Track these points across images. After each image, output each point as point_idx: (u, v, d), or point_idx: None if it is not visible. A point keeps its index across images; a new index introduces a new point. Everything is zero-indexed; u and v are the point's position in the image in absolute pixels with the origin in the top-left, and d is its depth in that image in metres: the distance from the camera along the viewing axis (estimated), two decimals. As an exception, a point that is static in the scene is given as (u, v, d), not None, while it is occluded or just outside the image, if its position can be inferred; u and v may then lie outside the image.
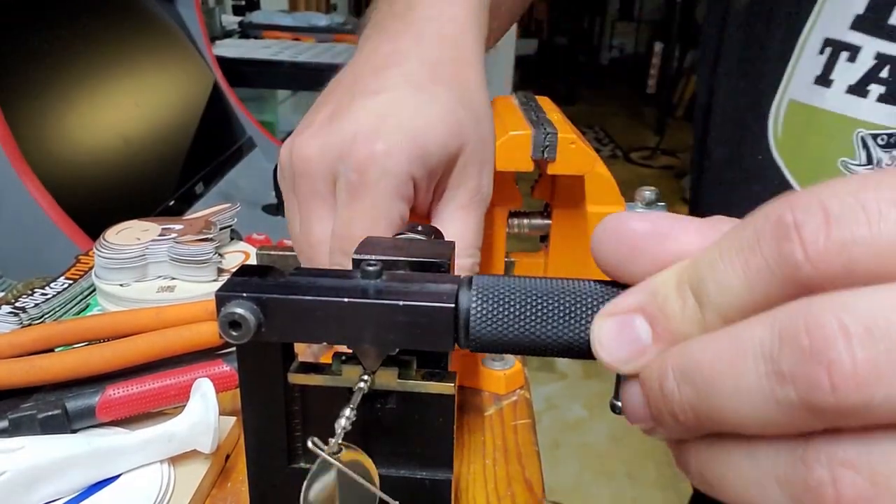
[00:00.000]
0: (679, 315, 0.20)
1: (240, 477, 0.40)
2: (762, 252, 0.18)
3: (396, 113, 0.35)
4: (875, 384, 0.15)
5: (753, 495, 0.18)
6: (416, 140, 0.34)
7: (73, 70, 1.11)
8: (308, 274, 0.27)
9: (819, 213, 0.17)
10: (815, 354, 0.16)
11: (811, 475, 0.17)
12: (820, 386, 0.16)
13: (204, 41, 1.61)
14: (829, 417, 0.16)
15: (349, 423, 0.27)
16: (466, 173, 0.37)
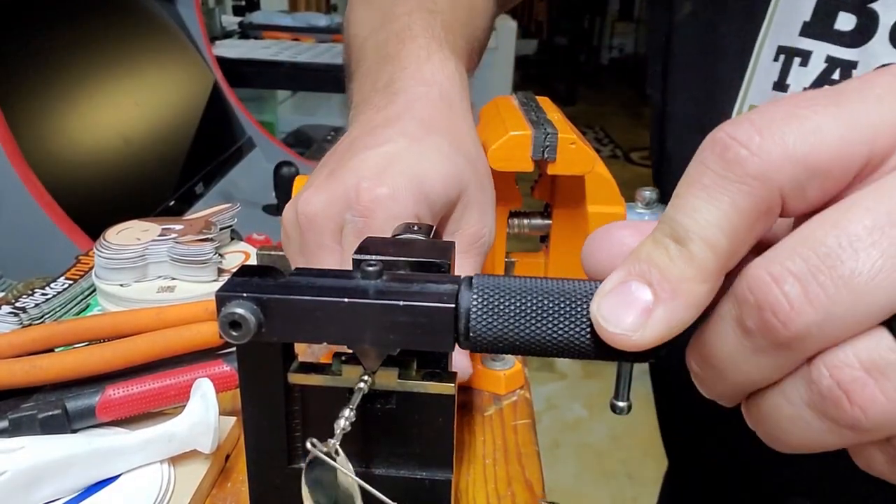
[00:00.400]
0: (668, 262, 0.21)
1: (240, 477, 0.40)
2: (713, 169, 0.21)
3: (397, 161, 0.36)
4: (810, 309, 0.19)
5: (802, 428, 0.21)
6: (419, 183, 0.35)
7: (73, 70, 1.11)
8: (308, 274, 0.27)
9: (746, 124, 0.20)
10: (761, 305, 0.20)
11: (822, 387, 0.20)
12: (774, 327, 0.20)
13: (204, 41, 1.62)
14: (798, 345, 0.20)
15: (348, 423, 0.27)
16: (466, 218, 0.37)
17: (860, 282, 0.19)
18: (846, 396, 0.20)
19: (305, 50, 1.94)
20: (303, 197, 0.36)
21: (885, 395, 0.19)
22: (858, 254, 0.19)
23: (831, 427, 0.20)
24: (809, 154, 0.20)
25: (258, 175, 1.51)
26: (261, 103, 2.08)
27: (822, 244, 0.19)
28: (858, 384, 0.19)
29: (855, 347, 0.20)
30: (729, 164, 0.20)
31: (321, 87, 1.90)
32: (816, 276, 0.19)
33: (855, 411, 0.19)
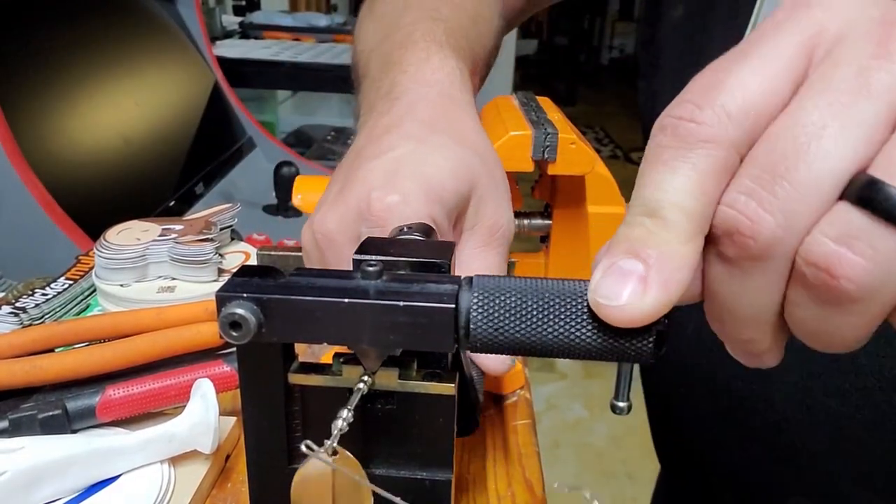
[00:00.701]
0: (647, 234, 0.23)
1: (240, 477, 0.40)
2: (668, 146, 0.23)
3: (403, 165, 0.35)
4: (768, 214, 0.21)
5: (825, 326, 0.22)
6: (429, 184, 0.35)
7: (73, 70, 1.11)
8: (308, 274, 0.27)
9: (684, 103, 0.23)
10: (728, 231, 0.22)
11: (808, 278, 0.21)
12: (746, 244, 0.22)
13: (204, 41, 1.61)
14: (775, 251, 0.22)
15: (346, 423, 0.27)
16: (482, 211, 0.37)
17: (800, 174, 0.21)
18: (828, 274, 0.21)
19: (306, 50, 1.94)
20: (317, 217, 0.36)
21: (862, 256, 0.20)
22: (787, 154, 0.21)
23: (837, 311, 0.22)
24: (742, 105, 0.22)
25: (258, 175, 1.51)
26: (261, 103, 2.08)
27: (758, 159, 0.22)
28: (834, 258, 0.20)
29: (821, 228, 0.21)
30: (681, 137, 0.23)
31: (322, 87, 1.90)
32: (763, 186, 0.21)
33: (842, 284, 0.20)
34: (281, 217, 1.38)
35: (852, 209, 0.20)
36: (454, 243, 0.32)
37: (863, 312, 0.21)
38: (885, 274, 0.20)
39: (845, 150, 0.21)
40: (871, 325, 0.22)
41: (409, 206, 0.34)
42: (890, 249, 0.20)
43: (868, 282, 0.20)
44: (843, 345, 0.23)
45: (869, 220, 0.20)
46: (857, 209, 0.20)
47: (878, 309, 0.21)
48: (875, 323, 0.22)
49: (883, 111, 0.21)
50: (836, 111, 0.21)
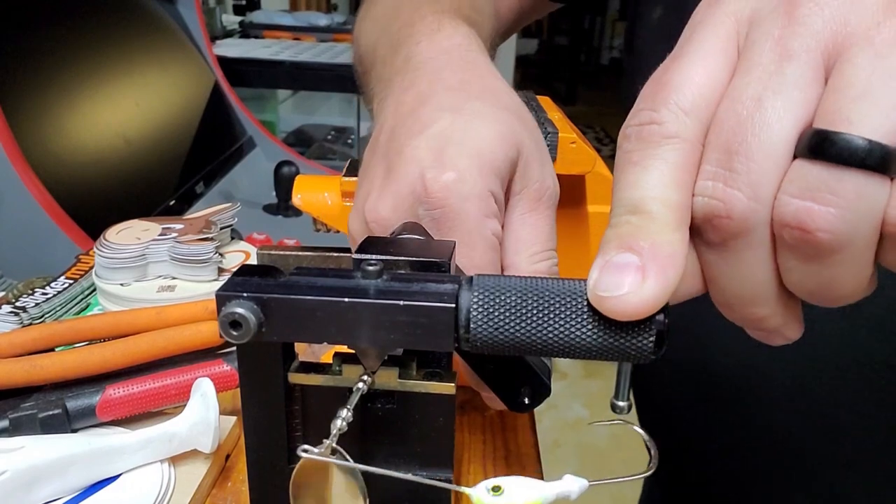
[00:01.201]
0: (635, 229, 0.23)
1: (240, 476, 0.40)
2: (636, 149, 0.24)
3: (448, 139, 0.34)
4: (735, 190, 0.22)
5: (819, 281, 0.23)
6: (480, 157, 0.34)
7: (73, 70, 1.11)
8: (308, 274, 0.27)
9: (641, 110, 0.25)
10: (706, 216, 0.23)
11: (788, 238, 0.22)
12: (725, 225, 0.23)
13: (204, 41, 1.62)
14: (752, 222, 0.22)
15: (345, 423, 0.26)
16: (528, 175, 0.36)
17: (751, 145, 0.22)
18: (802, 230, 0.21)
19: (306, 49, 1.94)
20: (368, 205, 0.35)
21: (828, 204, 0.21)
22: (735, 131, 0.22)
23: (825, 265, 0.22)
24: (693, 98, 0.24)
25: (259, 174, 1.51)
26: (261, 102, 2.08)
27: (712, 144, 0.23)
28: (803, 214, 0.21)
29: (784, 189, 0.22)
30: (646, 139, 0.24)
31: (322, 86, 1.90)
32: (723, 166, 0.23)
33: (820, 236, 0.21)
34: (281, 216, 1.38)
35: (806, 164, 0.21)
36: (454, 242, 0.32)
37: (849, 260, 0.22)
38: (854, 216, 0.21)
39: (784, 112, 0.22)
40: (863, 270, 0.23)
41: (465, 182, 0.33)
42: (850, 191, 0.21)
43: (841, 228, 0.21)
44: (846, 295, 0.24)
45: (824, 170, 0.21)
46: (810, 163, 0.21)
47: (862, 252, 0.22)
48: (866, 266, 0.23)
49: (807, 69, 0.22)
50: (766, 80, 0.22)
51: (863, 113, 0.21)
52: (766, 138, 0.22)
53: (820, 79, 0.22)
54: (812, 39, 0.22)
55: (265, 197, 1.42)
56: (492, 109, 0.36)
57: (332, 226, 0.46)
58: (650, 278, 0.23)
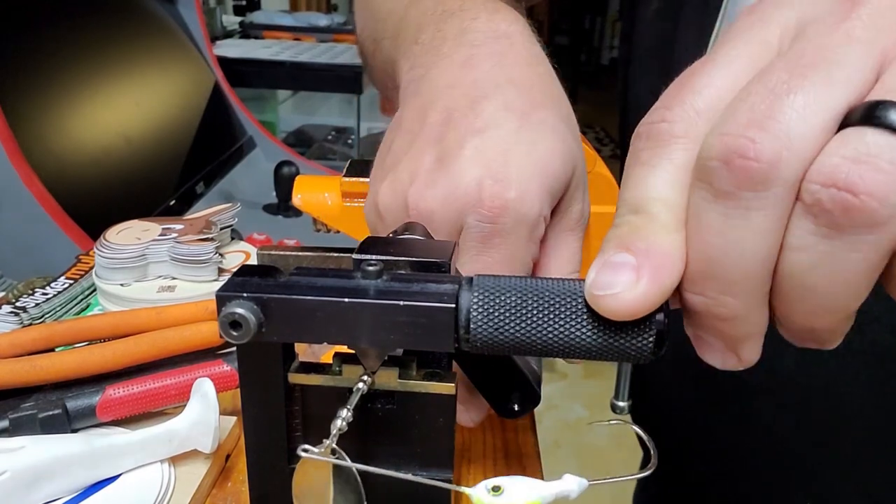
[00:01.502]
0: (634, 229, 0.23)
1: (240, 477, 0.40)
2: (645, 148, 0.24)
3: (512, 151, 0.33)
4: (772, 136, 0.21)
5: (833, 269, 0.21)
6: (543, 178, 0.33)
7: (74, 70, 1.11)
8: (308, 274, 0.27)
9: (656, 108, 0.24)
10: (727, 158, 0.21)
11: (824, 201, 0.20)
12: (748, 167, 0.21)
13: (205, 41, 1.62)
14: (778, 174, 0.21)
15: (345, 423, 0.27)
16: (574, 197, 0.35)
17: (801, 97, 0.21)
18: (850, 193, 0.20)
19: (306, 50, 1.94)
20: (414, 189, 0.33)
21: (882, 171, 0.19)
22: (790, 83, 0.21)
23: (853, 241, 0.20)
24: (710, 101, 0.23)
25: (259, 175, 1.51)
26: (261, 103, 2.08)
27: (754, 92, 0.21)
28: (855, 175, 0.20)
29: (833, 152, 0.20)
30: (656, 138, 0.24)
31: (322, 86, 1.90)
32: (766, 112, 0.21)
33: (866, 201, 0.20)
34: (281, 217, 1.38)
35: (864, 128, 0.20)
36: (454, 242, 0.32)
37: (877, 243, 0.20)
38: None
39: (840, 83, 0.21)
40: (877, 267, 0.21)
41: (525, 203, 0.32)
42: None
43: (892, 198, 0.20)
44: (844, 302, 0.22)
45: (883, 136, 0.20)
46: (869, 128, 0.20)
47: (890, 239, 0.20)
48: (881, 264, 0.21)
49: (869, 57, 0.21)
50: (824, 55, 0.21)
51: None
52: (816, 97, 0.21)
53: (875, 70, 0.21)
54: (874, 34, 0.21)
55: (265, 197, 1.42)
56: (557, 124, 0.35)
57: (333, 226, 0.46)
58: (644, 278, 0.22)
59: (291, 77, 1.82)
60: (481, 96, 0.35)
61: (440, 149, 0.34)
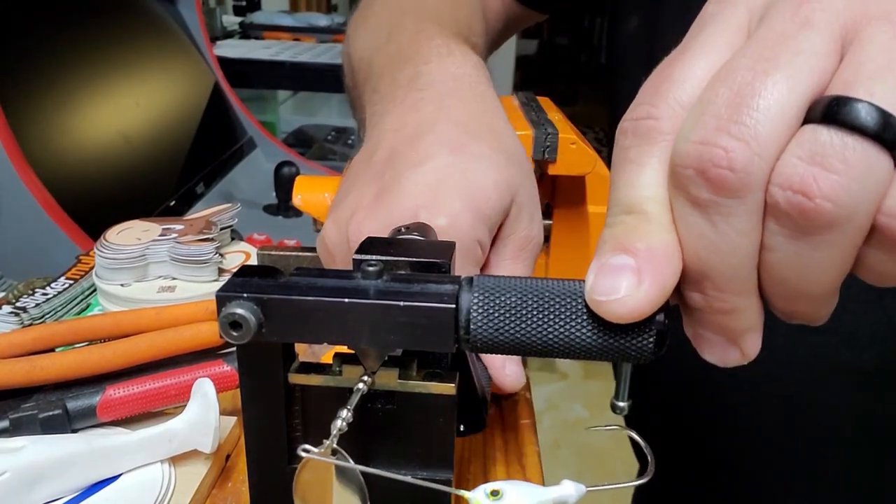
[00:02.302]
0: (630, 230, 0.23)
1: (240, 477, 0.40)
2: (632, 146, 0.23)
3: (446, 180, 0.34)
4: (741, 143, 0.21)
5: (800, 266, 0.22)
6: (475, 204, 0.34)
7: (74, 70, 1.11)
8: (308, 274, 0.27)
9: (639, 104, 0.24)
10: (702, 167, 0.21)
11: (782, 204, 0.21)
12: (721, 176, 0.21)
13: (205, 41, 1.62)
14: (749, 181, 0.21)
15: (345, 423, 0.27)
16: (518, 223, 0.36)
17: (764, 99, 0.21)
18: (804, 195, 0.20)
19: (306, 50, 1.94)
20: (353, 222, 0.35)
21: (836, 172, 0.20)
22: (749, 83, 0.21)
23: (813, 245, 0.21)
24: (693, 93, 0.23)
25: (259, 175, 1.51)
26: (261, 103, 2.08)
27: (719, 94, 0.21)
28: (809, 177, 0.20)
29: (790, 151, 0.20)
30: (642, 135, 0.23)
31: (322, 87, 1.90)
32: (732, 117, 0.21)
33: (819, 204, 0.20)
34: (281, 217, 1.38)
35: (819, 127, 0.20)
36: (454, 243, 0.32)
37: (837, 242, 0.21)
38: (860, 188, 0.20)
39: (802, 74, 0.21)
40: (844, 262, 0.22)
41: (457, 229, 0.33)
42: (861, 161, 0.20)
43: (845, 199, 0.20)
44: (818, 292, 0.22)
45: (837, 135, 0.20)
46: (823, 127, 0.20)
47: (852, 237, 0.21)
48: (849, 255, 0.21)
49: (827, 39, 0.21)
50: (785, 43, 0.21)
51: (884, 87, 0.20)
52: (779, 95, 0.21)
53: (837, 52, 0.21)
54: (832, 15, 0.21)
55: (265, 197, 1.42)
56: (492, 153, 0.36)
57: (333, 226, 0.46)
58: (646, 280, 0.22)
59: (291, 77, 1.82)
60: (421, 134, 0.37)
61: (380, 184, 0.36)
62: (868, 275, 0.22)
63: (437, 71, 0.41)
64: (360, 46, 0.52)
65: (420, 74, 0.41)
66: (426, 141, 0.36)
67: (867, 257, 0.22)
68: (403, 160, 0.36)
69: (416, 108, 0.39)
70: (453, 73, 0.41)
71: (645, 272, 0.22)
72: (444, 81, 0.40)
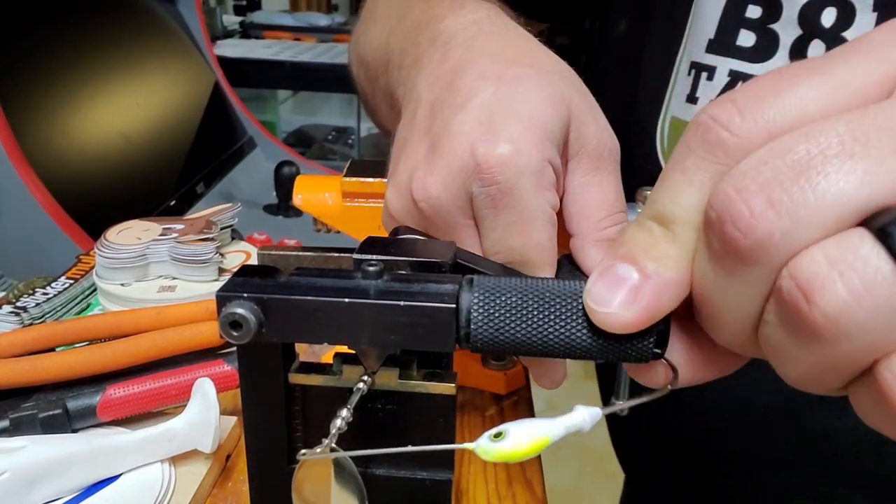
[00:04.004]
0: (652, 243, 0.22)
1: (240, 477, 0.40)
2: (694, 152, 0.21)
3: (496, 110, 0.32)
4: (771, 213, 0.18)
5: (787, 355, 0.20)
6: (533, 124, 0.31)
7: (74, 70, 1.11)
8: (309, 274, 0.27)
9: (728, 104, 0.20)
10: (722, 219, 0.19)
11: (783, 293, 0.19)
12: (735, 238, 0.19)
13: (205, 41, 1.62)
14: (763, 256, 0.19)
15: (344, 423, 0.27)
16: (584, 133, 0.34)
17: (827, 182, 0.18)
18: (804, 296, 0.18)
19: (306, 50, 1.94)
20: (415, 183, 0.33)
21: (849, 290, 0.17)
22: (825, 156, 0.18)
23: (800, 343, 0.19)
24: (792, 123, 0.19)
25: (259, 175, 1.51)
26: (262, 103, 2.08)
27: (792, 151, 0.18)
28: (818, 280, 0.18)
29: (823, 246, 0.18)
30: (710, 145, 0.20)
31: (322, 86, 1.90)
32: (782, 181, 0.18)
33: (813, 313, 0.18)
34: (281, 217, 1.38)
35: (867, 236, 0.17)
36: (454, 243, 0.32)
37: (824, 356, 0.19)
38: (866, 321, 0.17)
39: (888, 176, 0.17)
40: (836, 381, 0.19)
41: (521, 154, 0.30)
42: (884, 296, 0.17)
43: (843, 323, 0.17)
44: (804, 383, 0.21)
45: (879, 255, 0.17)
46: (871, 238, 0.17)
47: (842, 361, 0.18)
48: (837, 381, 0.19)
49: None
50: (888, 132, 0.18)
51: None
52: (845, 185, 0.18)
53: None
54: None
55: (265, 197, 1.42)
56: (535, 72, 0.34)
57: (333, 226, 0.46)
58: (640, 303, 0.21)
59: (292, 77, 1.82)
60: (457, 77, 0.35)
61: (430, 138, 0.34)
62: (857, 410, 0.20)
63: (454, 23, 0.39)
64: (373, 38, 0.51)
65: (438, 33, 0.39)
66: (465, 80, 0.34)
67: (856, 393, 0.20)
68: (447, 107, 0.34)
69: (445, 59, 0.37)
70: (472, 18, 0.39)
71: (642, 295, 0.22)
72: (466, 27, 0.38)
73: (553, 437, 0.23)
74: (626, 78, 0.55)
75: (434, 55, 0.38)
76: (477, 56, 0.35)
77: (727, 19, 0.46)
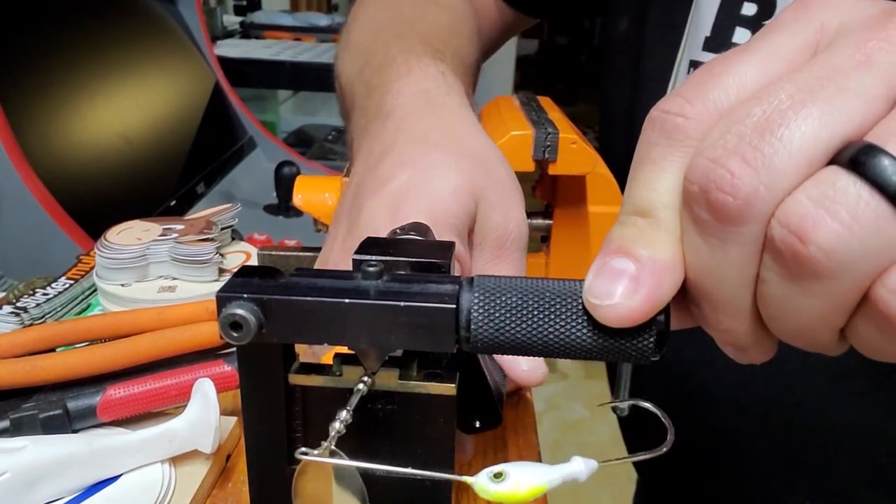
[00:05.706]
0: (639, 234, 0.22)
1: (241, 477, 0.40)
2: (656, 143, 0.22)
3: (404, 198, 0.34)
4: (751, 170, 0.19)
5: (788, 307, 0.21)
6: (435, 213, 0.33)
7: (74, 70, 1.11)
8: (309, 275, 0.27)
9: (675, 97, 0.22)
10: (706, 188, 0.20)
11: (777, 242, 0.20)
12: (723, 202, 0.20)
13: (205, 41, 1.62)
14: (752, 213, 0.20)
15: (343, 425, 0.26)
16: (488, 224, 0.36)
17: (791, 131, 0.19)
18: (798, 238, 0.19)
19: (306, 50, 1.94)
20: (331, 263, 0.36)
21: (839, 222, 0.18)
22: (781, 111, 0.20)
23: (804, 287, 0.20)
24: (735, 101, 0.21)
25: (259, 175, 1.51)
26: (262, 103, 2.08)
27: (750, 115, 0.20)
28: (810, 220, 0.19)
29: (803, 188, 0.19)
30: (669, 133, 0.22)
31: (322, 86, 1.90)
32: (751, 141, 0.20)
33: (811, 251, 0.19)
34: (282, 217, 1.38)
35: (841, 171, 0.19)
36: (454, 243, 0.32)
37: (828, 296, 0.20)
38: (860, 248, 0.18)
39: (842, 114, 0.19)
40: (834, 318, 0.20)
41: None
42: (871, 220, 0.18)
43: (840, 254, 0.18)
44: (810, 337, 0.22)
45: (856, 185, 0.18)
46: (845, 172, 0.19)
47: (844, 296, 0.19)
48: (837, 317, 0.20)
49: (882, 86, 0.19)
50: (835, 79, 0.20)
51: None
52: (806, 130, 0.19)
53: (889, 100, 0.20)
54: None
55: (266, 197, 1.42)
56: (450, 159, 0.36)
57: (333, 226, 0.46)
58: (642, 290, 0.22)
59: (292, 77, 1.82)
60: (380, 160, 0.37)
61: (349, 218, 0.37)
62: (858, 345, 0.21)
63: (396, 95, 0.41)
64: (345, 70, 0.53)
65: (382, 104, 0.42)
66: (384, 165, 0.37)
67: (856, 325, 0.21)
68: (366, 190, 0.36)
69: (379, 138, 0.39)
70: (412, 91, 0.41)
71: (642, 282, 0.22)
72: (403, 105, 0.41)
73: (550, 486, 0.24)
74: (628, 77, 0.55)
75: (373, 130, 0.41)
76: (402, 141, 0.38)
77: (723, 17, 0.47)
